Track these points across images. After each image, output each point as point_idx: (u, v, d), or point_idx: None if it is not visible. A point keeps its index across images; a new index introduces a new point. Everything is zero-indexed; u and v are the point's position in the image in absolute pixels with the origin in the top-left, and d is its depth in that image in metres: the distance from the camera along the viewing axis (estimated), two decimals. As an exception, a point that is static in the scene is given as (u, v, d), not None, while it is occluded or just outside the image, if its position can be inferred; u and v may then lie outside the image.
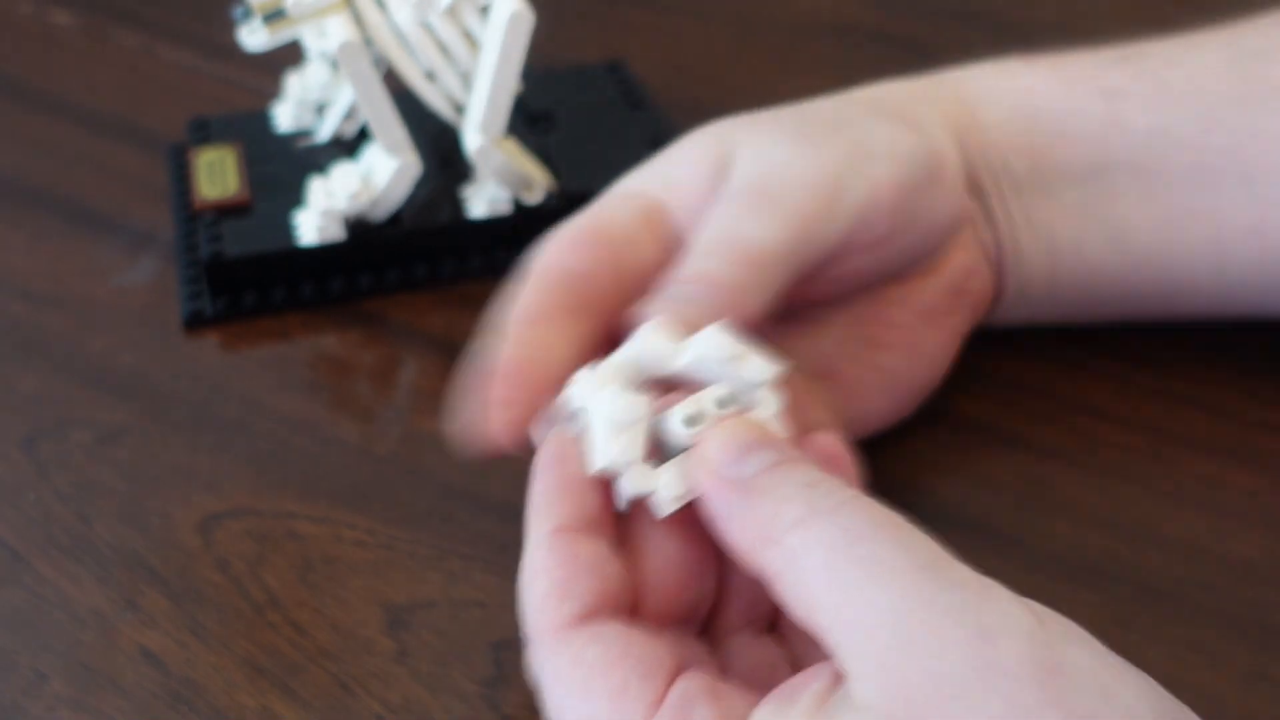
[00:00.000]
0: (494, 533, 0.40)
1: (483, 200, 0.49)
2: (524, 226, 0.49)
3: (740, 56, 0.62)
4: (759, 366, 0.32)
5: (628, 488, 0.31)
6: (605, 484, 0.31)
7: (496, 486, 0.41)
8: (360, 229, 0.48)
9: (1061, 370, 0.45)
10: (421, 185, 0.49)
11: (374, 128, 0.47)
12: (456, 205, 0.50)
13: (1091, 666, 0.26)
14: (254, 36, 0.45)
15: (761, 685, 0.30)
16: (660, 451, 0.31)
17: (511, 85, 0.47)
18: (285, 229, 0.48)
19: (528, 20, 0.45)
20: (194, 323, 0.48)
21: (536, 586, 0.30)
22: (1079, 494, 0.41)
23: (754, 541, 0.29)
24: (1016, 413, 0.43)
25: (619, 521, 0.32)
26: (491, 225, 0.49)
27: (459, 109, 0.49)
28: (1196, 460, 0.42)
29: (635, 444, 0.31)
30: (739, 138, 0.38)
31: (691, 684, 0.29)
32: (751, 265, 0.35)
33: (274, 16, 0.45)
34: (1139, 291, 0.43)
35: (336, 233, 0.48)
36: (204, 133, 0.54)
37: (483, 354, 0.35)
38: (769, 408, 0.32)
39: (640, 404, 0.31)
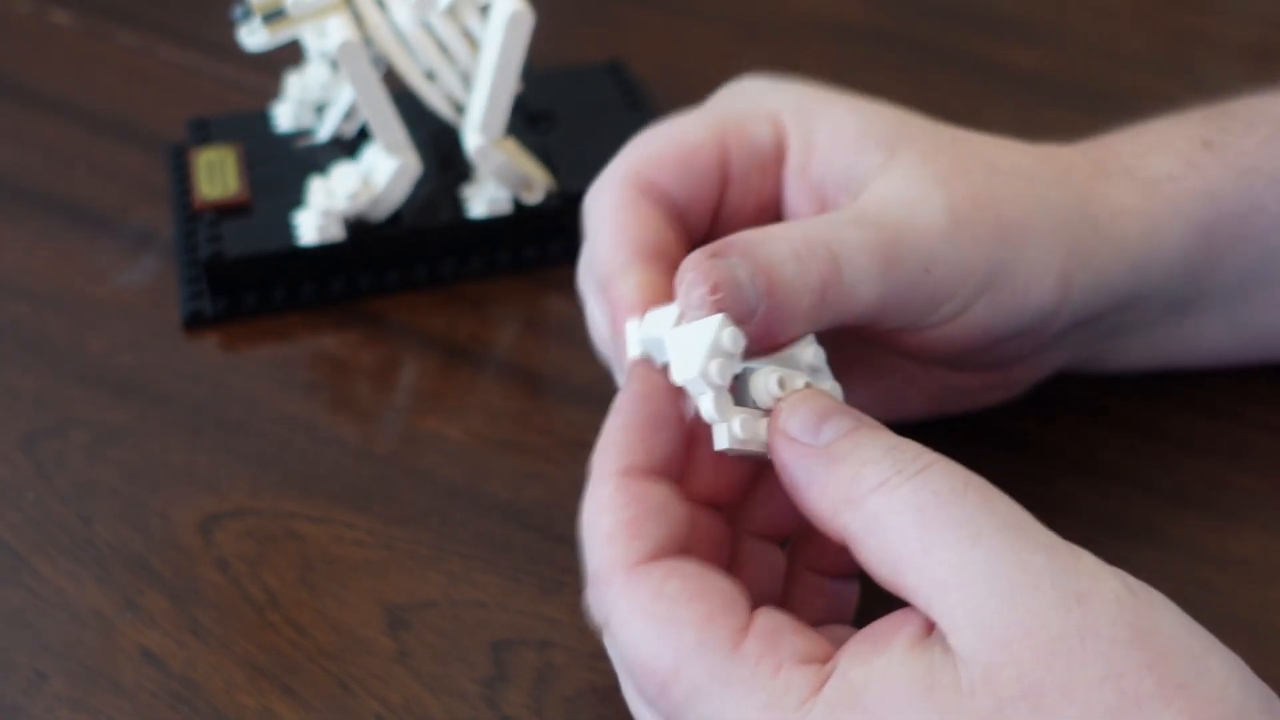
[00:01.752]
0: (494, 533, 0.40)
1: (483, 200, 0.49)
2: (524, 226, 0.50)
3: (740, 56, 0.62)
4: (815, 351, 0.32)
5: (706, 407, 0.30)
6: (678, 429, 0.31)
7: (496, 486, 0.41)
8: (360, 229, 0.48)
9: (1061, 370, 0.45)
10: (421, 185, 0.49)
11: (374, 128, 0.47)
12: (456, 205, 0.50)
13: (1181, 634, 0.26)
14: (254, 36, 0.45)
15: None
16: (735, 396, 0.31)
17: (511, 85, 0.47)
18: (285, 229, 0.48)
19: (528, 20, 0.45)
20: (194, 323, 0.48)
21: (602, 523, 0.30)
22: (1079, 494, 0.41)
23: (835, 504, 0.29)
24: (1016, 413, 0.43)
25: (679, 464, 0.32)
26: (491, 225, 0.49)
27: (459, 109, 0.49)
28: (1196, 461, 0.42)
29: (727, 372, 0.30)
30: (907, 132, 0.36)
31: (775, 616, 0.29)
32: (826, 306, 0.32)
33: (274, 16, 0.45)
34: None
35: (336, 233, 0.48)
36: (204, 133, 0.54)
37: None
38: (837, 389, 0.33)
39: (742, 340, 0.31)
